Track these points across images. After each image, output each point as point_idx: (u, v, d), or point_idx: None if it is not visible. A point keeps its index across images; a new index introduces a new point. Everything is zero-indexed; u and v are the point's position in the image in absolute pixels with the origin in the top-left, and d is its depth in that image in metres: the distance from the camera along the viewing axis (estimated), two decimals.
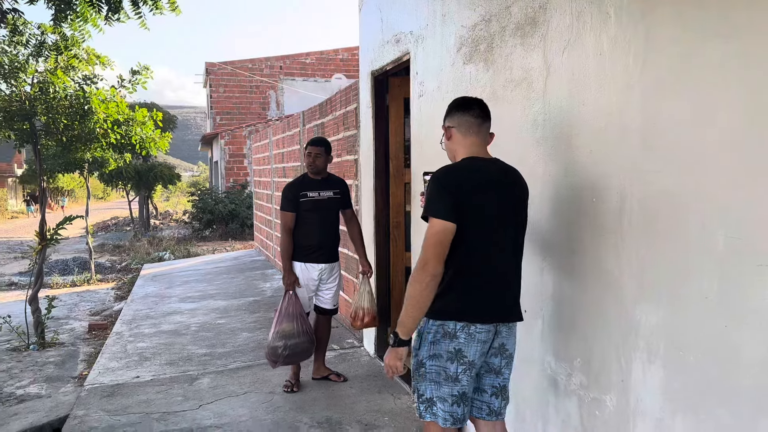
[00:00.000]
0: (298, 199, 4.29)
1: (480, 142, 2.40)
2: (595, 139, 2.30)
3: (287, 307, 4.22)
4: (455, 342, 2.27)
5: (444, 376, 2.29)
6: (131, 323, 6.85)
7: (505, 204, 2.33)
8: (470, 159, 2.36)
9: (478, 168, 2.33)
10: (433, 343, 2.31)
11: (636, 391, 2.13)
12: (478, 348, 2.29)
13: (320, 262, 4.35)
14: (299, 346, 4.18)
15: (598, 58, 2.27)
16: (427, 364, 2.32)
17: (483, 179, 2.31)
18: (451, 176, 2.29)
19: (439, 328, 2.29)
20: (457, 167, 2.35)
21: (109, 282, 11.03)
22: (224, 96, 21.59)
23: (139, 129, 6.29)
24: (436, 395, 2.31)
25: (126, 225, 23.19)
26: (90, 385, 4.75)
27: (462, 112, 2.42)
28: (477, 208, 2.25)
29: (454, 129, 2.43)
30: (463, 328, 2.26)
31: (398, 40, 4.25)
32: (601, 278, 2.28)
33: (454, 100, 2.51)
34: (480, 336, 2.28)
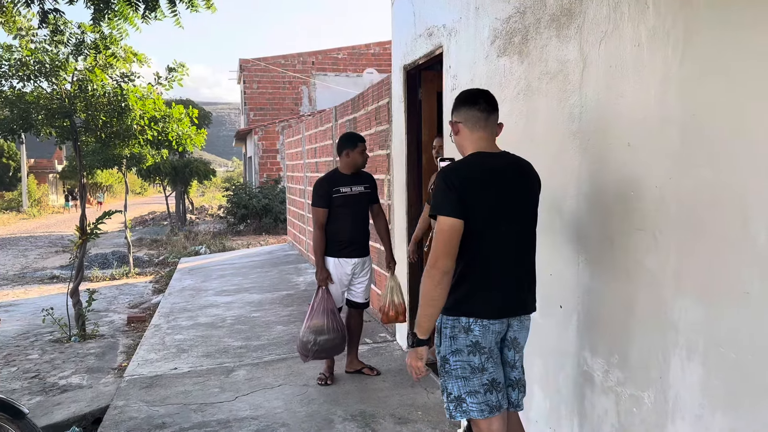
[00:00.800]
0: (330, 195, 4.32)
1: (487, 136, 2.39)
2: (633, 131, 2.26)
3: (319, 303, 4.26)
4: (471, 335, 2.30)
5: (470, 370, 2.31)
6: (169, 316, 6.99)
7: (514, 198, 2.33)
8: (477, 155, 2.36)
9: (484, 163, 2.32)
10: (452, 338, 2.33)
11: (675, 388, 2.09)
12: (493, 337, 2.33)
13: (353, 257, 4.39)
14: (329, 342, 4.23)
15: (636, 49, 2.23)
16: (451, 360, 2.34)
17: (489, 174, 2.30)
18: (456, 173, 2.28)
19: (455, 323, 2.32)
20: (463, 164, 2.34)
21: (147, 275, 11.27)
22: (258, 92, 21.82)
23: (176, 125, 6.40)
24: (465, 391, 2.32)
25: (163, 220, 23.64)
26: (129, 376, 4.87)
27: (468, 107, 2.39)
28: (484, 204, 2.25)
29: (461, 124, 2.41)
30: (476, 321, 2.30)
31: (431, 34, 4.24)
32: (639, 273, 2.24)
33: (460, 94, 2.48)
34: (494, 327, 2.32)
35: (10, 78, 6.29)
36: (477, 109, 2.37)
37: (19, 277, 11.75)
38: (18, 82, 6.36)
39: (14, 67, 6.20)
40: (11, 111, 6.45)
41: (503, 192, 2.30)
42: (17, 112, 6.39)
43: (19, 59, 6.19)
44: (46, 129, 6.60)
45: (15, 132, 6.61)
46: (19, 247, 17.40)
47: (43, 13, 4.33)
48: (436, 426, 3.69)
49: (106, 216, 6.80)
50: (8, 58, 6.20)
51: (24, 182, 35.03)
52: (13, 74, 6.24)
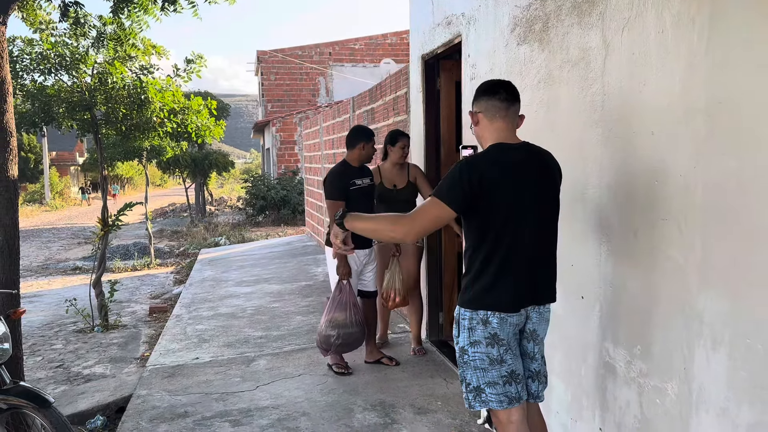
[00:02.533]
0: (348, 188, 4.30)
1: (507, 126, 2.36)
2: (657, 120, 2.22)
3: (341, 297, 4.26)
4: (489, 327, 2.29)
5: (488, 361, 2.30)
6: (190, 306, 7.06)
7: (534, 190, 2.31)
8: (497, 146, 2.33)
9: (505, 156, 2.30)
10: (471, 329, 2.32)
11: (699, 380, 2.06)
12: (511, 330, 2.32)
13: (364, 248, 4.42)
14: (352, 336, 4.25)
15: (660, 36, 2.19)
16: (470, 351, 2.33)
17: (509, 166, 2.28)
18: (476, 170, 2.23)
19: (474, 315, 2.31)
20: (483, 157, 2.32)
21: (168, 266, 11.39)
22: (275, 83, 21.86)
23: (195, 117, 6.44)
24: (483, 381, 2.31)
25: (183, 211, 23.85)
26: (152, 365, 4.93)
27: (489, 97, 2.37)
28: (503, 198, 2.24)
29: (481, 114, 2.39)
30: (495, 314, 2.29)
31: (449, 23, 4.20)
32: (663, 264, 2.21)
33: (481, 85, 2.46)
34: (511, 320, 2.31)
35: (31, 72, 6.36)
36: (497, 99, 2.35)
37: (43, 269, 11.95)
38: (39, 75, 6.44)
39: (35, 60, 6.27)
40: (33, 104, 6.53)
41: (523, 185, 2.28)
42: (39, 105, 6.47)
43: (40, 53, 6.26)
44: (67, 122, 6.68)
45: (37, 125, 6.70)
46: (42, 238, 17.67)
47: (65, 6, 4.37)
48: (456, 416, 3.69)
49: (127, 208, 6.88)
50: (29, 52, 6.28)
51: (46, 175, 35.52)
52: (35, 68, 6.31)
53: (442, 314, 5.02)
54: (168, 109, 6.18)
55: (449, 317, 4.98)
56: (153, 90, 6.08)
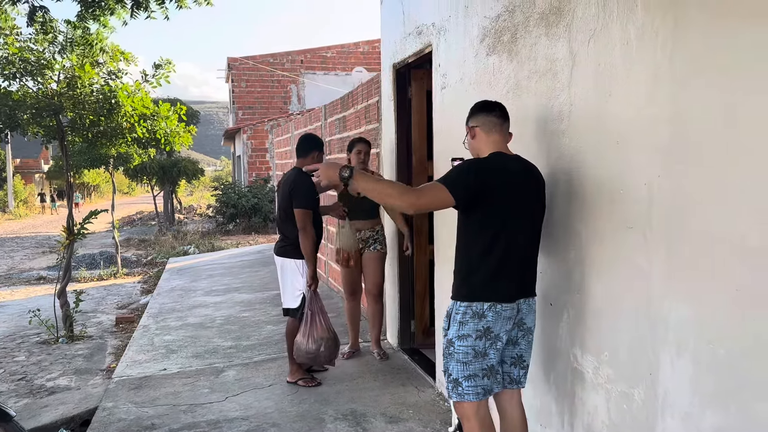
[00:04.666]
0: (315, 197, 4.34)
1: (502, 139, 2.61)
2: (622, 130, 2.26)
3: (316, 308, 4.23)
4: (483, 321, 2.44)
5: (473, 354, 2.45)
6: (158, 316, 6.95)
7: (527, 195, 2.52)
8: (497, 154, 2.56)
9: (504, 162, 2.53)
10: (462, 323, 2.47)
11: (664, 385, 2.10)
12: (504, 324, 2.48)
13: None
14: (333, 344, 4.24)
15: (624, 48, 2.24)
16: (456, 344, 2.48)
17: (509, 172, 2.50)
18: (483, 166, 2.49)
19: (468, 309, 2.46)
20: (488, 160, 2.53)
21: (135, 276, 11.20)
22: (246, 91, 21.72)
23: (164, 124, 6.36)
24: (463, 375, 2.47)
25: (151, 219, 23.49)
26: (118, 377, 4.83)
27: (485, 113, 2.62)
28: (502, 197, 2.44)
29: (478, 128, 2.62)
30: (491, 308, 2.44)
31: (420, 32, 4.23)
32: (629, 271, 2.25)
33: (477, 103, 2.70)
34: (506, 313, 2.46)
35: None
36: (494, 115, 2.61)
37: (5, 279, 11.64)
38: (4, 81, 6.29)
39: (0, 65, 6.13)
40: None
41: (519, 191, 2.48)
42: (3, 111, 6.32)
43: (5, 57, 6.13)
44: (32, 128, 6.54)
45: (1, 131, 6.54)
46: (5, 248, 17.23)
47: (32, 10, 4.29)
48: (427, 425, 3.69)
49: (93, 215, 6.74)
50: None
51: (9, 182, 34.65)
52: None
53: (414, 322, 5.02)
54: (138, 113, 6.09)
55: (421, 325, 4.99)
56: (122, 94, 5.98)
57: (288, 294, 4.41)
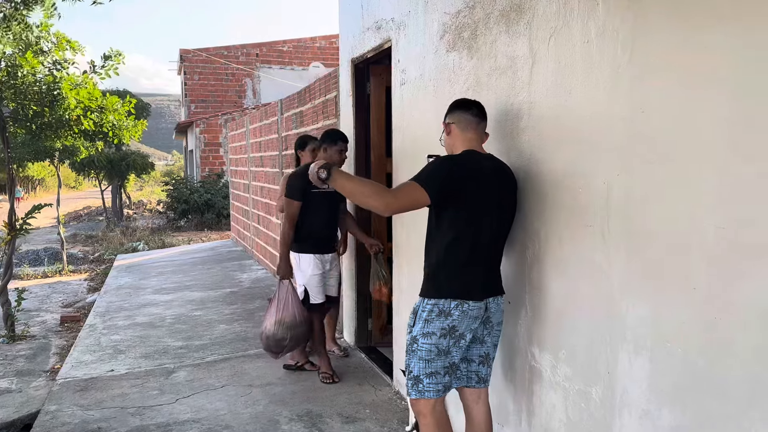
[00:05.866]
0: (306, 190, 4.18)
1: (477, 138, 2.61)
2: (582, 128, 2.26)
3: (285, 297, 4.17)
4: (449, 319, 2.44)
5: (436, 352, 2.45)
6: (105, 315, 6.72)
7: (498, 193, 2.52)
8: (470, 152, 2.56)
9: (476, 160, 2.52)
10: (428, 321, 2.47)
11: (622, 383, 2.11)
12: (470, 323, 2.48)
13: (327, 253, 4.42)
14: (301, 334, 4.17)
15: (585, 46, 2.23)
16: (420, 341, 2.47)
17: (480, 171, 2.49)
18: (454, 163, 2.50)
19: (434, 307, 2.46)
20: (460, 157, 2.54)
21: (81, 273, 10.83)
22: (199, 83, 21.28)
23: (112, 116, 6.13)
24: (424, 372, 2.46)
25: (98, 215, 22.79)
26: (62, 379, 4.64)
27: (462, 111, 2.62)
28: (473, 195, 2.44)
29: (453, 125, 2.62)
30: (458, 306, 2.44)
31: (379, 27, 4.18)
32: (587, 269, 2.25)
33: (456, 100, 2.70)
34: (472, 312, 2.46)
35: None
36: (470, 113, 2.61)
37: None
38: None
39: None
40: None
41: (490, 188, 2.48)
42: None
43: None
44: None
45: None
46: None
47: None
48: (384, 424, 3.65)
49: (36, 210, 6.47)
50: None
51: None
52: None
53: (371, 320, 4.98)
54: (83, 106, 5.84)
55: (378, 323, 4.95)
56: (67, 86, 5.73)
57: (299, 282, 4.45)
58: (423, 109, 3.58)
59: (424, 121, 3.57)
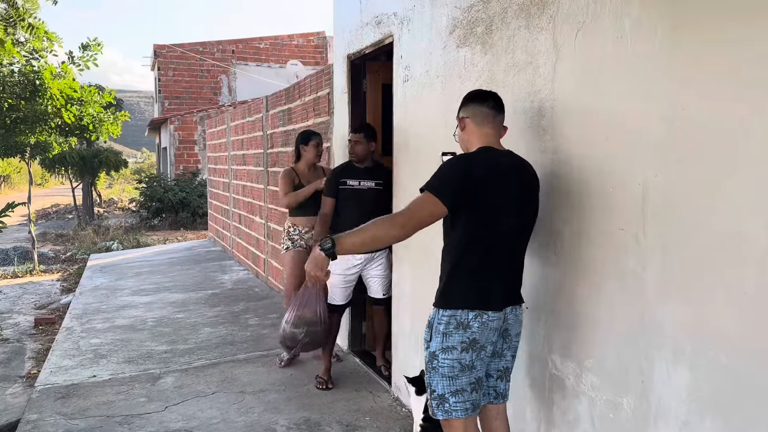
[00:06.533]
0: (337, 186, 4.17)
1: (494, 133, 2.42)
2: (615, 126, 2.17)
3: (309, 293, 4.02)
4: (469, 332, 2.24)
5: (459, 368, 2.25)
6: (82, 318, 6.46)
7: (518, 194, 2.33)
8: (486, 149, 2.36)
9: (493, 158, 2.33)
10: (446, 334, 2.26)
11: (658, 393, 2.02)
12: (490, 335, 2.29)
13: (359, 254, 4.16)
14: (318, 335, 3.99)
15: (618, 41, 2.14)
16: (440, 357, 2.27)
17: (498, 169, 2.30)
18: (469, 163, 2.30)
19: (451, 319, 2.26)
20: (475, 155, 2.36)
21: (53, 273, 10.47)
22: (173, 80, 20.83)
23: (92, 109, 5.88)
24: (449, 390, 2.26)
25: (68, 213, 22.19)
26: (42, 385, 4.41)
27: (477, 104, 2.43)
28: (491, 197, 2.24)
29: (468, 119, 2.43)
30: (477, 317, 2.24)
31: (379, 22, 4.05)
32: (619, 273, 2.16)
33: (470, 92, 2.51)
34: (493, 324, 2.27)
35: None
36: (486, 106, 2.41)
37: None
38: None
39: None
40: None
41: (510, 189, 2.29)
42: None
43: None
44: None
45: None
46: None
47: None
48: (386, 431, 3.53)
49: (10, 208, 6.18)
50: None
51: None
52: None
53: (365, 324, 4.85)
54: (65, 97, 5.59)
55: (371, 328, 4.81)
56: (48, 75, 5.47)
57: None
58: (428, 106, 3.46)
59: (429, 119, 3.46)
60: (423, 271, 3.57)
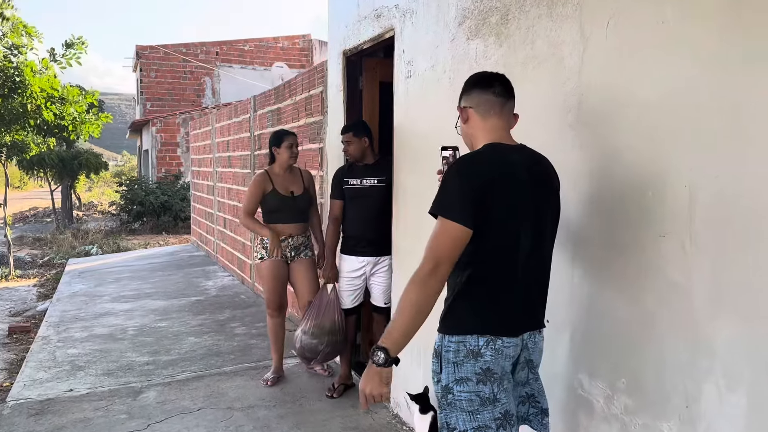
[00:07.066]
0: (342, 187, 4.03)
1: (503, 125, 2.04)
2: (656, 122, 1.96)
3: (328, 301, 3.89)
4: (481, 361, 1.89)
5: (479, 402, 1.89)
6: (59, 326, 6.14)
7: (536, 198, 1.97)
8: (493, 146, 1.98)
9: (503, 157, 1.96)
10: (457, 364, 1.91)
11: (707, 420, 1.81)
12: (506, 363, 1.95)
13: (363, 256, 4.02)
14: (339, 344, 3.85)
15: (660, 27, 1.93)
16: (455, 390, 1.91)
17: (510, 170, 1.93)
18: (475, 168, 1.89)
19: (460, 346, 1.91)
20: (481, 156, 1.96)
21: (30, 278, 10.08)
22: (156, 81, 20.44)
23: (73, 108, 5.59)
24: (472, 426, 1.89)
25: (46, 216, 21.66)
26: (14, 400, 4.11)
27: (481, 90, 2.04)
28: (504, 204, 1.89)
29: (471, 110, 2.05)
30: (488, 344, 1.89)
31: (379, 15, 3.83)
32: (661, 286, 1.95)
33: (472, 77, 2.13)
34: (508, 351, 1.93)
35: None
36: (492, 93, 2.03)
37: None
38: None
39: None
40: None
41: (525, 191, 1.93)
42: None
43: None
44: None
45: None
46: None
47: None
48: None
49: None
50: None
51: None
52: None
53: (360, 333, 4.60)
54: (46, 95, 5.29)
55: (368, 336, 4.57)
56: (29, 72, 5.17)
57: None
58: (435, 102, 3.24)
59: (435, 117, 3.23)
60: None
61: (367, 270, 4.03)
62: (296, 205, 4.22)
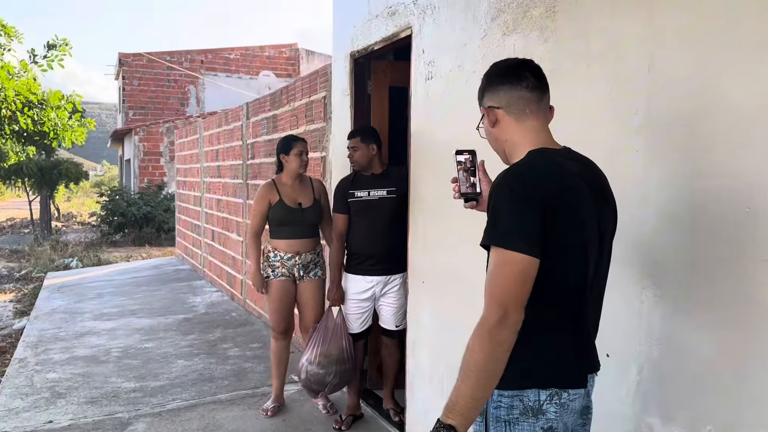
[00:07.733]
0: (346, 200, 3.67)
1: (542, 125, 1.68)
2: (751, 124, 1.66)
3: (334, 326, 3.56)
4: (542, 419, 1.57)
5: None
6: (37, 347, 5.72)
7: (601, 217, 1.64)
8: (541, 153, 1.61)
9: (556, 167, 1.58)
10: (510, 423, 1.57)
11: None
12: (571, 418, 1.63)
13: (371, 275, 3.66)
14: (347, 373, 3.55)
15: (760, 10, 1.64)
16: None
17: (570, 183, 1.57)
18: (531, 183, 1.52)
19: (515, 401, 1.57)
20: (535, 169, 1.57)
21: (6, 293, 9.60)
22: (139, 89, 19.99)
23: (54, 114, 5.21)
24: None
25: (24, 227, 21.02)
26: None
27: (511, 85, 1.66)
28: (570, 227, 1.55)
29: (501, 110, 1.68)
30: (552, 398, 1.57)
31: (394, 13, 3.52)
32: (761, 316, 1.65)
33: (495, 67, 1.75)
34: (574, 405, 1.61)
35: None
36: (524, 88, 1.65)
37: None
38: None
39: None
40: None
41: (590, 210, 1.60)
42: None
43: None
44: None
45: None
46: None
47: None
48: None
49: None
50: None
51: None
52: None
53: (367, 358, 4.25)
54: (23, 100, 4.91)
55: (376, 361, 4.23)
56: (4, 75, 4.79)
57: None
58: (461, 107, 2.93)
59: (462, 121, 2.91)
60: (450, 300, 3.02)
61: (377, 290, 3.69)
62: (305, 218, 3.86)
